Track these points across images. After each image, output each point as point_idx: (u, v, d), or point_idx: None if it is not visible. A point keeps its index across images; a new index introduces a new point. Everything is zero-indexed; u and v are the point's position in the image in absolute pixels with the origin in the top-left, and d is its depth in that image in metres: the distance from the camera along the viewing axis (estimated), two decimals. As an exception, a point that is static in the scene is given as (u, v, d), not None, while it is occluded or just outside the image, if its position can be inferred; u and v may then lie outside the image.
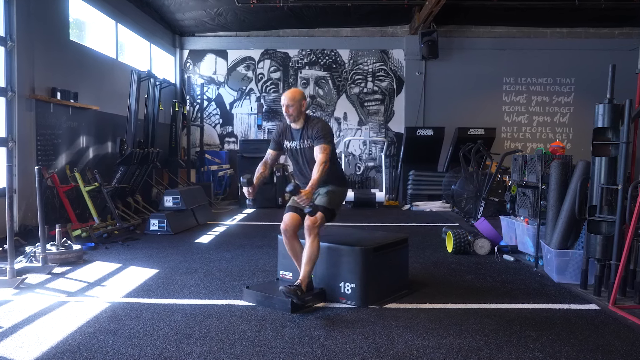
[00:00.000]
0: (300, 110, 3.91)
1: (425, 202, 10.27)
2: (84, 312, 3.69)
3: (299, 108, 3.90)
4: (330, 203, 3.87)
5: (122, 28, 9.27)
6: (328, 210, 3.83)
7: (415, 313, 3.73)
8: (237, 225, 8.08)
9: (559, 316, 3.70)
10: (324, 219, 3.79)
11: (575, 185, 4.55)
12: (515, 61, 11.76)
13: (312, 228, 3.72)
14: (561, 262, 4.59)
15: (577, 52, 11.62)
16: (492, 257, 5.63)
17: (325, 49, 11.94)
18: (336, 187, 3.97)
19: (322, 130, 3.87)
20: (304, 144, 3.94)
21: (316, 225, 3.73)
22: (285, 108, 3.90)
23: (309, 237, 3.74)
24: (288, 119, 3.94)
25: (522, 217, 5.65)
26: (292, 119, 3.92)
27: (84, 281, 4.58)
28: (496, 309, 3.84)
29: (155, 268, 5.08)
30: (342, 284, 3.93)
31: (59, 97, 6.89)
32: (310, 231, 3.72)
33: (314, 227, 3.72)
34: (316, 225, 3.73)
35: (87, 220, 6.92)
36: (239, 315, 3.65)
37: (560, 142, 9.73)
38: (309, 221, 3.72)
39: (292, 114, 3.89)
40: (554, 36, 11.80)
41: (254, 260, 5.49)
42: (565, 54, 11.67)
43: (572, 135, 11.95)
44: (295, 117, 3.91)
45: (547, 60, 11.73)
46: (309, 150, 3.93)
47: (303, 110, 3.93)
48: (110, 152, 8.44)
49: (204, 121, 11.82)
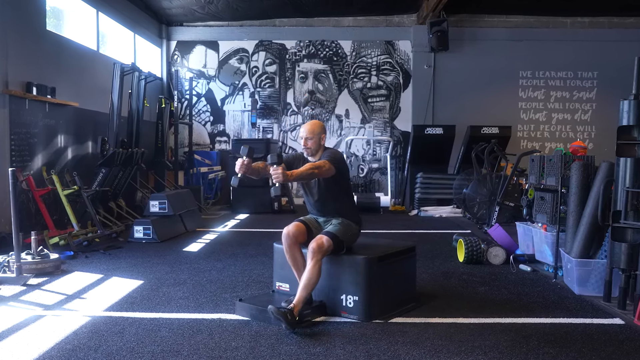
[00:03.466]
0: (320, 144, 4.04)
1: (434, 207, 10.27)
2: (62, 327, 3.69)
3: (318, 142, 4.03)
4: (342, 234, 3.92)
5: (104, 17, 9.29)
6: (338, 239, 3.87)
7: (423, 328, 3.74)
8: (229, 233, 8.08)
9: (580, 331, 3.70)
10: (331, 247, 3.82)
11: (598, 189, 4.55)
12: (533, 53, 11.79)
13: (317, 252, 3.75)
14: (582, 273, 4.60)
15: (600, 43, 11.65)
16: (507, 267, 5.63)
17: (326, 40, 11.97)
18: (351, 222, 4.05)
19: (332, 155, 3.97)
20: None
21: (322, 250, 3.76)
22: (303, 141, 4.03)
23: (311, 260, 3.76)
24: (305, 152, 4.06)
25: (540, 223, 5.66)
26: (310, 152, 4.05)
27: (62, 293, 4.57)
28: (512, 324, 3.84)
29: (139, 279, 5.08)
30: (344, 297, 3.93)
31: (34, 93, 6.90)
32: (314, 255, 3.75)
33: (319, 251, 3.75)
34: (322, 250, 3.76)
35: (66, 226, 6.92)
36: (231, 331, 3.65)
37: (581, 142, 9.73)
38: (315, 244, 3.76)
39: (311, 147, 4.02)
40: (575, 26, 11.84)
41: (247, 270, 5.50)
42: (587, 46, 11.70)
43: (594, 134, 11.98)
44: (313, 151, 4.04)
45: (568, 52, 11.76)
46: (324, 181, 3.99)
47: (322, 145, 4.06)
48: (91, 153, 8.45)
49: (193, 119, 11.83)
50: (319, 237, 3.83)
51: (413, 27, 11.74)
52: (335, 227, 3.94)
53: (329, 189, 4.03)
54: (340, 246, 3.91)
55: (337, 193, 4.07)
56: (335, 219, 4.03)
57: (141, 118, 8.76)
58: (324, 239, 3.80)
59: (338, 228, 3.94)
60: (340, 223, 3.99)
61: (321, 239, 3.80)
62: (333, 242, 3.82)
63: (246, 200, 10.12)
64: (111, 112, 7.88)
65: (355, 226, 4.09)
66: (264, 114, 12.04)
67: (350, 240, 4.04)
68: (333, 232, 3.88)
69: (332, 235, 3.84)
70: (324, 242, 3.77)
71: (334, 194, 4.04)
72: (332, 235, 3.84)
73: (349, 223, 4.03)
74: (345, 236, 3.95)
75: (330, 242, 3.79)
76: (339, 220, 4.02)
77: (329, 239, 3.80)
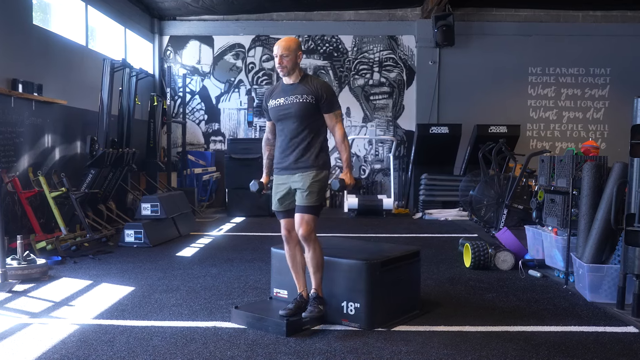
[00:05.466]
0: (296, 61, 3.89)
1: (439, 210, 10.28)
2: (49, 336, 3.69)
3: (294, 59, 3.87)
4: (317, 199, 3.85)
5: (93, 11, 9.30)
6: (316, 208, 3.84)
7: (428, 337, 3.74)
8: (224, 237, 8.09)
9: (592, 340, 3.71)
10: (316, 219, 3.83)
11: (611, 191, 4.56)
12: (543, 49, 11.81)
13: (308, 236, 3.77)
14: (595, 279, 4.60)
15: (614, 38, 11.67)
16: (515, 273, 5.64)
17: (326, 35, 11.99)
18: (319, 173, 3.87)
19: (330, 92, 3.88)
20: (298, 99, 3.84)
21: (311, 232, 3.78)
22: (278, 59, 3.84)
23: (308, 246, 3.79)
24: (281, 71, 3.89)
25: (550, 227, 5.67)
26: (286, 71, 3.87)
27: (49, 300, 4.58)
28: (520, 332, 3.85)
29: (130, 285, 5.08)
30: (345, 304, 3.94)
31: (20, 90, 6.90)
32: (308, 240, 3.77)
33: (309, 234, 3.77)
34: (311, 232, 3.78)
35: (53, 230, 6.93)
36: (226, 340, 3.66)
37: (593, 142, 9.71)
38: (303, 231, 3.76)
39: (287, 65, 3.85)
40: (587, 20, 11.86)
41: (243, 276, 5.50)
42: (600, 41, 11.72)
43: (607, 134, 12.00)
44: (289, 69, 3.87)
45: (579, 47, 11.78)
46: (304, 108, 3.82)
47: (299, 62, 3.92)
48: (80, 153, 8.45)
49: (187, 117, 11.84)
50: (300, 219, 3.77)
51: (417, 22, 11.76)
52: (308, 194, 3.79)
53: (312, 130, 3.87)
54: (320, 209, 3.91)
55: (315, 137, 3.88)
56: (302, 174, 3.83)
57: (132, 117, 8.76)
58: (306, 218, 3.76)
59: (310, 194, 3.80)
60: (311, 184, 3.80)
61: (303, 220, 3.76)
62: (316, 214, 3.82)
63: (242, 202, 10.12)
64: (101, 111, 7.88)
65: (325, 173, 3.93)
66: (260, 112, 12.03)
67: (324, 195, 4.01)
68: (309, 205, 3.79)
69: (310, 209, 3.80)
70: (309, 222, 3.77)
71: (310, 139, 3.86)
72: (311, 209, 3.80)
73: (318, 176, 3.85)
74: (321, 197, 3.89)
75: (313, 217, 3.80)
76: (305, 181, 3.81)
77: (309, 215, 3.78)
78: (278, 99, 3.93)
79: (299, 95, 3.85)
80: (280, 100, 3.91)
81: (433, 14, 11.18)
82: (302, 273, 3.97)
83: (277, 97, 3.95)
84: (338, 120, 3.91)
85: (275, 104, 3.94)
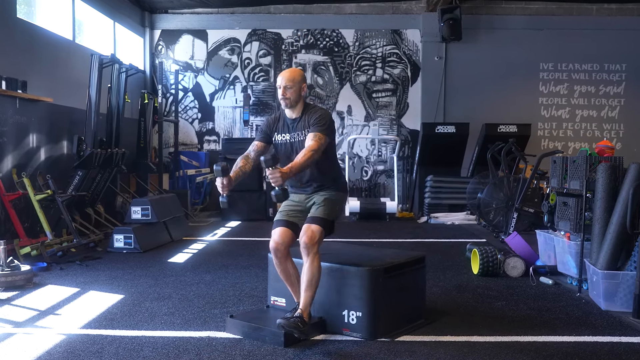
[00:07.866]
0: (300, 94, 3.94)
1: (445, 214, 10.29)
2: (33, 346, 3.69)
3: (298, 92, 3.93)
4: (330, 214, 3.89)
5: (80, 3, 9.31)
6: (327, 222, 3.86)
7: (433, 347, 3.75)
8: (218, 242, 8.10)
9: (606, 351, 3.71)
10: (323, 234, 3.81)
11: (627, 193, 4.57)
12: (555, 44, 11.83)
13: (311, 246, 3.73)
14: (609, 286, 4.61)
15: (629, 32, 11.68)
16: (526, 280, 5.64)
17: (326, 29, 12.00)
18: (335, 194, 4.00)
19: (322, 119, 3.90)
20: (300, 136, 3.95)
21: (315, 243, 3.74)
22: (282, 90, 3.90)
23: (307, 256, 3.75)
24: (283, 103, 3.95)
25: (562, 231, 5.67)
26: (289, 104, 3.93)
27: (34, 309, 4.58)
28: (531, 343, 3.86)
29: (120, 293, 5.09)
30: (346, 313, 3.94)
31: (3, 87, 6.90)
32: (309, 250, 3.73)
33: (312, 244, 3.73)
34: (315, 243, 3.74)
35: (38, 235, 6.92)
36: (221, 350, 3.66)
37: (608, 142, 9.73)
38: (306, 238, 3.72)
39: (290, 97, 3.90)
40: (601, 13, 11.87)
41: (239, 283, 5.51)
42: (615, 35, 11.73)
43: (622, 133, 12.01)
44: (292, 102, 3.93)
45: (593, 42, 11.80)
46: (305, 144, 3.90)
47: (302, 95, 3.96)
48: (66, 153, 8.45)
49: (179, 116, 11.86)
50: (307, 227, 3.78)
51: (422, 15, 11.77)
52: (321, 208, 3.86)
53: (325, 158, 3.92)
54: (331, 227, 3.91)
55: (323, 160, 3.92)
56: (319, 194, 3.95)
57: (122, 115, 8.78)
58: (313, 228, 3.76)
59: (324, 209, 3.86)
60: (325, 200, 3.91)
61: (310, 229, 3.76)
62: (324, 227, 3.80)
63: (238, 206, 10.12)
64: (88, 109, 7.89)
65: (341, 195, 4.05)
66: (257, 110, 12.06)
67: (339, 213, 4.04)
68: (320, 216, 3.82)
69: (320, 221, 3.80)
70: (315, 232, 3.74)
71: (319, 162, 3.88)
72: (321, 221, 3.80)
73: (333, 196, 3.97)
74: (334, 213, 3.93)
75: (321, 230, 3.77)
76: (323, 196, 3.93)
77: (318, 226, 3.77)
78: (284, 134, 4.02)
79: (300, 132, 3.96)
80: (287, 137, 4.01)
81: (439, 6, 11.20)
82: (297, 283, 3.93)
83: (282, 131, 4.04)
84: (315, 140, 3.79)
85: (282, 139, 4.03)
